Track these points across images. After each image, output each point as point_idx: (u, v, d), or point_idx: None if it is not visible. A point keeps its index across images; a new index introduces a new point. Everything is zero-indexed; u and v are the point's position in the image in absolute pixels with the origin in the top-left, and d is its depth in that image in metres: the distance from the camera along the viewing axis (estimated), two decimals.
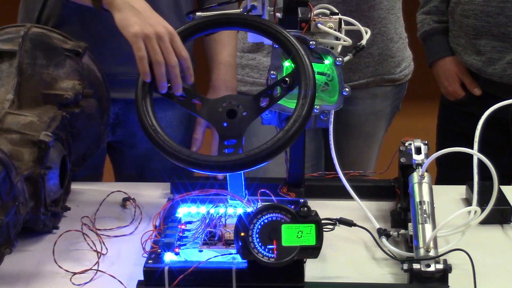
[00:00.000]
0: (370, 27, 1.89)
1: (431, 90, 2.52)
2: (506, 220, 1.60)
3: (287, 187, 1.68)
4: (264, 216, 1.28)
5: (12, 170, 1.39)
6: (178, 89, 1.47)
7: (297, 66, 1.44)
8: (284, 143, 1.39)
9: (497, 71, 2.11)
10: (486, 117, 1.50)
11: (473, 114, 2.07)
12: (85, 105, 1.64)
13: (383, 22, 2.07)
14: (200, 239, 1.39)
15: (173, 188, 1.72)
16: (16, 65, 1.58)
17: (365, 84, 2.11)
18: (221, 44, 1.92)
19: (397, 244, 1.49)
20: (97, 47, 1.75)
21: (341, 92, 1.56)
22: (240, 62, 2.10)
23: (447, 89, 2.25)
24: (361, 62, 2.07)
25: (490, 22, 2.08)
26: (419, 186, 1.48)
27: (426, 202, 1.44)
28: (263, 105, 1.46)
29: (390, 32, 2.10)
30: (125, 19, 1.48)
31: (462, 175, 1.67)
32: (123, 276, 1.38)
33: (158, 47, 1.45)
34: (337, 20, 1.58)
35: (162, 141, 1.41)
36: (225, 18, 1.51)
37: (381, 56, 2.10)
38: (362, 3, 2.02)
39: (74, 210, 1.65)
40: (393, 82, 2.16)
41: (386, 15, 2.08)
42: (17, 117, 1.51)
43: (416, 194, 1.46)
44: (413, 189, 1.48)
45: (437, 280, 1.32)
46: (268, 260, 1.28)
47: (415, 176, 1.50)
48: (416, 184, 1.48)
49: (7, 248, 1.38)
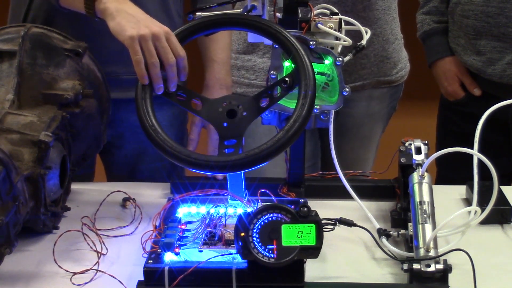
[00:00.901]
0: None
1: (431, 90, 2.52)
2: (506, 220, 1.60)
3: (287, 187, 1.68)
4: (264, 216, 1.28)
5: (12, 170, 1.39)
6: (173, 87, 1.47)
7: (297, 66, 1.44)
8: (284, 143, 1.39)
9: (497, 71, 2.11)
10: (486, 117, 1.50)
11: (473, 114, 2.07)
12: (85, 105, 1.64)
13: (378, 23, 2.07)
14: (200, 239, 1.39)
15: (173, 188, 1.72)
16: (16, 65, 1.58)
17: (361, 87, 2.10)
18: (214, 42, 1.92)
19: (397, 244, 1.49)
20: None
21: (341, 92, 1.56)
22: (236, 64, 2.09)
23: (446, 89, 2.25)
24: (356, 64, 2.07)
25: (490, 22, 2.08)
26: (419, 186, 1.48)
27: (426, 202, 1.44)
28: (263, 105, 1.46)
29: (386, 33, 2.10)
30: (119, 24, 1.48)
31: (462, 175, 1.67)
32: (123, 276, 1.38)
33: (153, 49, 1.45)
34: (337, 20, 1.58)
35: (162, 141, 1.41)
36: (225, 18, 1.51)
37: (377, 57, 2.10)
38: (357, 4, 2.01)
39: (74, 210, 1.65)
40: (389, 84, 2.16)
41: (382, 16, 2.07)
42: (17, 117, 1.51)
43: (416, 194, 1.46)
44: (413, 189, 1.48)
45: (437, 280, 1.32)
46: (268, 260, 1.28)
47: (415, 176, 1.50)
48: (416, 184, 1.48)
49: (7, 248, 1.38)
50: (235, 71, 2.09)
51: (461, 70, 2.21)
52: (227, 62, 1.96)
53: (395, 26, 2.13)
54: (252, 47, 2.08)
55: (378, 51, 2.09)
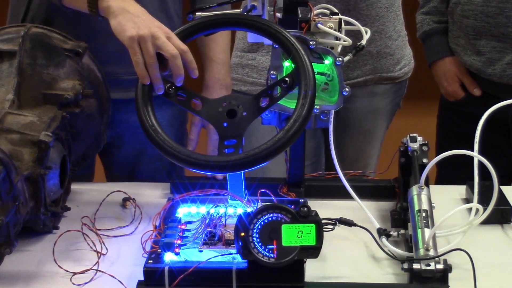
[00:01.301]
0: (368, 25, 1.88)
1: (432, 90, 2.52)
2: (506, 220, 1.60)
3: (287, 187, 1.68)
4: (264, 216, 1.28)
5: (12, 170, 1.39)
6: (180, 81, 1.46)
7: (297, 66, 1.44)
8: (284, 143, 1.39)
9: (496, 71, 2.11)
10: (486, 117, 1.50)
11: (472, 114, 2.07)
12: (85, 105, 1.64)
13: (381, 20, 2.07)
14: (200, 239, 1.39)
15: (173, 188, 1.72)
16: (16, 65, 1.58)
17: (363, 82, 2.10)
18: (214, 42, 1.92)
19: (397, 244, 1.49)
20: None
21: (341, 92, 1.56)
22: (240, 62, 2.09)
23: (446, 89, 2.25)
24: (359, 60, 2.07)
25: (489, 22, 2.08)
26: (418, 197, 1.46)
27: (425, 211, 1.43)
28: (263, 105, 1.46)
29: (388, 30, 2.10)
30: (120, 24, 1.48)
31: (462, 175, 1.67)
32: (123, 276, 1.38)
33: (152, 50, 1.44)
34: (337, 20, 1.58)
35: (162, 141, 1.41)
36: (225, 18, 1.51)
37: (379, 54, 2.10)
38: (360, 1, 2.02)
39: (74, 210, 1.65)
40: (392, 80, 2.16)
41: (385, 13, 2.08)
42: (17, 117, 1.51)
43: (415, 205, 1.45)
44: (412, 200, 1.47)
45: (437, 280, 1.32)
46: (268, 260, 1.28)
47: (414, 189, 1.49)
48: (415, 195, 1.47)
49: (7, 248, 1.38)
50: (240, 69, 2.10)
51: (461, 70, 2.21)
52: (226, 62, 1.96)
53: (398, 23, 2.13)
54: (256, 46, 2.08)
55: (380, 47, 2.09)
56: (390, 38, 2.11)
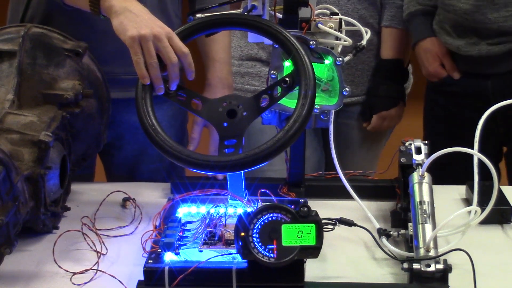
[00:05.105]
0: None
1: None
2: (506, 220, 1.60)
3: (287, 187, 1.68)
4: (264, 216, 1.28)
5: (12, 170, 1.39)
6: (173, 86, 1.47)
7: (297, 66, 1.44)
8: (284, 143, 1.39)
9: (476, 50, 2.09)
10: (486, 118, 1.50)
11: (455, 93, 2.07)
12: (85, 105, 1.64)
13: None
14: (200, 239, 1.39)
15: (173, 188, 1.72)
16: (16, 65, 1.58)
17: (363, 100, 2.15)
18: (215, 41, 1.92)
19: (397, 244, 1.49)
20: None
21: (341, 92, 1.56)
22: (239, 71, 2.09)
23: (427, 69, 2.22)
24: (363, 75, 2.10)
25: (468, 19, 2.06)
26: (419, 186, 1.48)
27: (426, 202, 1.44)
28: (263, 105, 1.46)
29: None
30: (121, 23, 1.48)
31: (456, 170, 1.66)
32: (123, 276, 1.38)
33: (153, 50, 1.44)
34: (337, 20, 1.58)
35: (162, 141, 1.41)
36: (225, 18, 1.51)
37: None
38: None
39: (74, 210, 1.65)
40: None
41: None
42: (17, 117, 1.51)
43: (416, 194, 1.46)
44: (413, 189, 1.48)
45: (437, 280, 1.32)
46: (268, 260, 1.28)
47: (415, 176, 1.50)
48: (416, 184, 1.48)
49: (7, 248, 1.38)
50: (238, 77, 2.10)
51: (442, 51, 2.18)
52: (228, 62, 1.95)
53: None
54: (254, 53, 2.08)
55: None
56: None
